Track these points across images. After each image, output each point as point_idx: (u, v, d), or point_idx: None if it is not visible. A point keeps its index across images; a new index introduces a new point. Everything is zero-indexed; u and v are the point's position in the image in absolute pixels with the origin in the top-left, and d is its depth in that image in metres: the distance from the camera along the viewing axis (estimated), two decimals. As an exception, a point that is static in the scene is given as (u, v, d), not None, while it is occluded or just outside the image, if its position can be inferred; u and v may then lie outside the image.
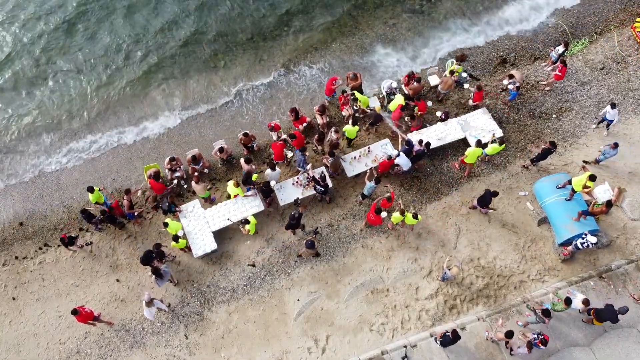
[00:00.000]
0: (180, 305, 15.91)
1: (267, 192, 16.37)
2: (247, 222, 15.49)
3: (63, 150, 19.22)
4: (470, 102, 18.07)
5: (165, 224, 15.25)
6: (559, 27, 20.46)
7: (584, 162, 17.32)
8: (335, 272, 16.23)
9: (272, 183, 16.09)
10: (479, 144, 16.09)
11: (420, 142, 16.38)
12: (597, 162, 17.13)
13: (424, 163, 17.58)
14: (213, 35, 21.24)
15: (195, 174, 16.58)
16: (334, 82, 17.98)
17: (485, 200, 15.56)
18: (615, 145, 16.05)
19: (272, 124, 17.68)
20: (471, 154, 16.23)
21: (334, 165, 16.74)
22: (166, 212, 16.66)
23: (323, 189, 16.04)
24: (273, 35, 21.16)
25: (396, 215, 15.33)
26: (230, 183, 16.14)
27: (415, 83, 17.97)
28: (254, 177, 16.19)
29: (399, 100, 17.48)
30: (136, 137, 19.37)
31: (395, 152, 16.43)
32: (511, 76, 17.91)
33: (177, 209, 16.61)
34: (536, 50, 20.11)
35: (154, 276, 14.76)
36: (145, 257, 14.86)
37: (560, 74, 17.90)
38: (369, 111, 17.84)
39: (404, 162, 16.33)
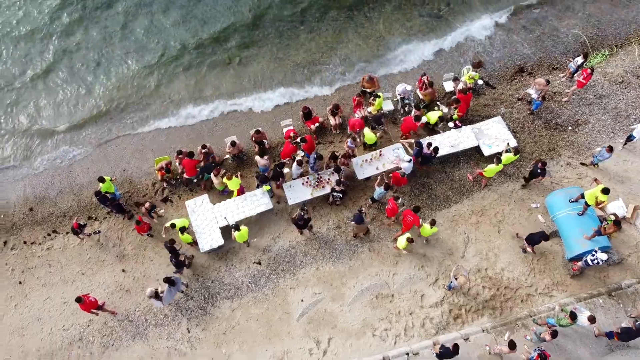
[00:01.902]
0: (184, 299, 15.92)
1: (277, 175, 16.43)
2: (237, 228, 15.31)
3: (78, 138, 19.43)
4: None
5: (173, 225, 15.30)
6: (579, 38, 20.16)
7: (583, 164, 17.28)
8: (340, 274, 16.15)
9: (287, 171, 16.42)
10: (499, 161, 15.90)
11: (429, 145, 16.33)
12: (592, 164, 16.97)
13: (432, 169, 17.44)
14: (229, 31, 21.31)
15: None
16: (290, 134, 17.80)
17: (534, 240, 15.14)
18: (610, 149, 15.82)
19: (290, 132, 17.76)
20: (491, 170, 16.06)
21: (346, 176, 16.87)
22: (206, 172, 16.89)
23: (341, 195, 16.00)
24: (288, 33, 21.13)
25: (426, 227, 15.21)
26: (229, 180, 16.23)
27: (428, 89, 17.83)
28: (266, 187, 16.32)
29: (436, 114, 17.41)
30: (149, 129, 19.52)
31: (407, 157, 16.27)
32: (548, 81, 17.56)
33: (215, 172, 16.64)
34: (554, 60, 19.84)
35: (167, 285, 14.67)
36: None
37: (584, 81, 17.65)
38: (374, 113, 17.85)
39: (407, 167, 16.26)
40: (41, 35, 21.49)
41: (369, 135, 16.78)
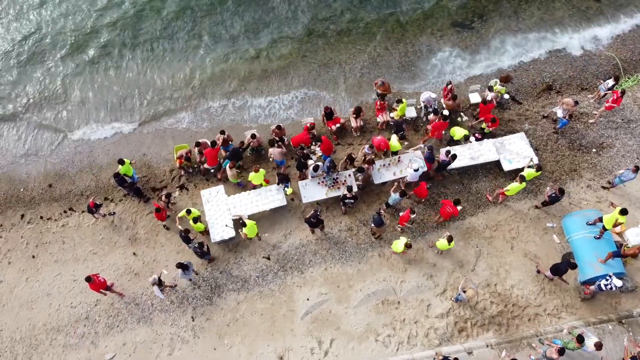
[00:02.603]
0: (190, 287, 16.03)
1: (302, 165, 16.58)
2: (244, 224, 15.31)
3: (106, 121, 19.81)
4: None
5: (189, 211, 15.42)
6: (612, 60, 19.80)
7: (604, 187, 17.05)
8: (348, 276, 16.11)
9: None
10: (523, 179, 15.66)
11: (447, 152, 16.26)
12: (610, 185, 16.66)
13: (450, 180, 17.32)
14: (258, 27, 21.47)
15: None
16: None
17: (560, 270, 14.72)
18: (637, 169, 15.45)
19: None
20: (514, 188, 15.82)
21: (365, 179, 16.80)
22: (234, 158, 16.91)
23: (352, 201, 15.99)
24: (318, 33, 21.14)
25: (442, 242, 15.15)
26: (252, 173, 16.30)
27: (450, 100, 17.69)
28: (289, 190, 16.38)
29: (462, 131, 17.30)
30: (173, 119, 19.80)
31: (415, 165, 16.13)
32: (576, 102, 17.26)
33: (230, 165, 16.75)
34: (584, 80, 19.49)
35: (180, 270, 14.78)
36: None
37: (614, 104, 17.34)
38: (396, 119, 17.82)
39: (413, 175, 16.22)
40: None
41: (394, 143, 16.72)
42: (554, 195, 15.56)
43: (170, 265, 15.87)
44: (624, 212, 14.34)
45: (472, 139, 17.75)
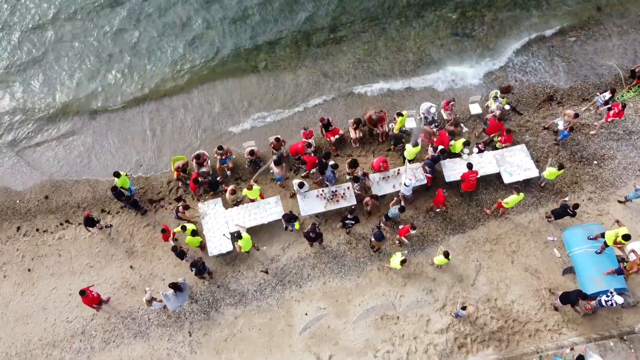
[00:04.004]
0: (188, 301, 15.86)
1: (323, 167, 16.48)
2: (239, 236, 15.16)
3: (99, 128, 19.59)
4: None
5: (184, 228, 15.23)
6: (613, 70, 19.62)
7: (620, 202, 16.79)
8: (347, 291, 15.96)
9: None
10: (518, 191, 15.56)
11: (435, 149, 16.36)
12: (626, 200, 16.46)
13: (450, 192, 17.19)
14: (255, 38, 21.34)
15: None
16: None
17: (571, 300, 14.46)
18: None
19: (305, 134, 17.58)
20: (512, 201, 15.69)
21: (362, 188, 16.71)
22: (211, 189, 16.76)
23: (353, 222, 15.84)
24: (317, 43, 20.96)
25: (439, 258, 15.03)
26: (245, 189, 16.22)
27: (452, 127, 17.36)
28: (297, 225, 15.92)
29: (461, 141, 17.07)
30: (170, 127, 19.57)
31: (408, 181, 15.99)
32: (577, 114, 17.03)
33: (224, 187, 16.73)
34: (585, 91, 19.31)
35: (172, 290, 14.62)
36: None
37: (615, 117, 17.20)
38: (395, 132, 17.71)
39: (406, 190, 16.07)
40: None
41: (410, 149, 16.56)
42: (569, 210, 15.45)
43: (167, 279, 15.75)
44: (626, 237, 14.19)
45: (475, 149, 17.57)
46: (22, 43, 21.23)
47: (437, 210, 16.85)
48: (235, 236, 15.22)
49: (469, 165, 16.12)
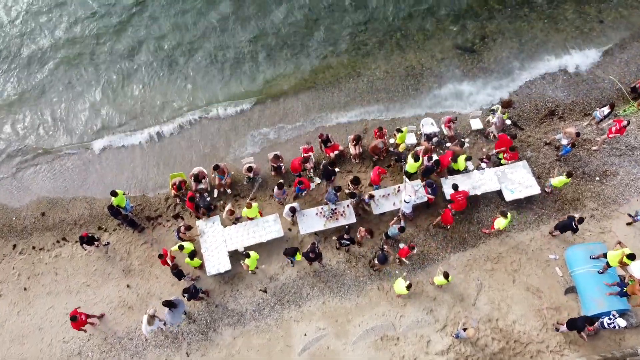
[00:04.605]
0: (186, 321, 15.69)
1: (329, 174, 16.52)
2: (247, 255, 14.97)
3: (96, 145, 19.43)
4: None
5: (181, 247, 15.03)
6: (614, 84, 19.43)
7: (629, 224, 16.56)
8: (347, 311, 15.78)
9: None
10: (505, 214, 15.25)
11: (430, 158, 16.27)
12: (632, 219, 16.32)
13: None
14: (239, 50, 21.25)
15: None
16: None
17: (577, 326, 14.15)
18: None
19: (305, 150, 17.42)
20: (499, 224, 15.49)
21: (357, 203, 16.59)
22: (206, 209, 16.49)
23: (349, 243, 15.68)
24: (316, 55, 20.79)
25: (439, 279, 14.85)
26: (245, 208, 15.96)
27: (457, 146, 17.20)
28: (297, 257, 15.42)
29: (463, 157, 16.75)
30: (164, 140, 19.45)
31: (408, 198, 15.79)
32: (579, 133, 16.90)
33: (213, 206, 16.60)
34: (587, 106, 19.10)
35: (166, 309, 14.43)
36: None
37: (616, 133, 17.02)
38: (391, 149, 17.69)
39: (406, 207, 15.87)
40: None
41: (411, 163, 16.37)
42: (574, 224, 15.25)
43: (165, 299, 15.51)
44: (631, 257, 14.00)
45: (482, 164, 17.42)
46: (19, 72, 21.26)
47: (446, 227, 16.72)
48: (244, 255, 14.98)
49: (454, 187, 15.87)
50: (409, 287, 14.52)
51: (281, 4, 21.82)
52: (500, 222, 15.45)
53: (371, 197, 16.12)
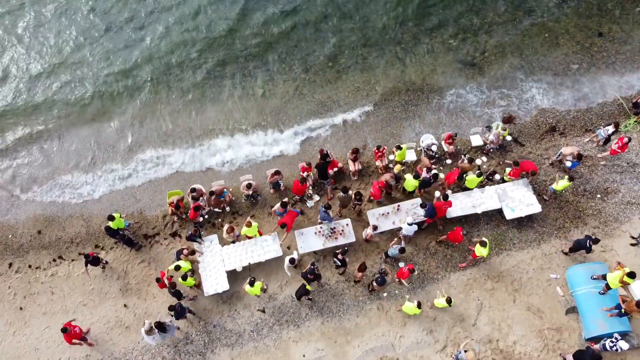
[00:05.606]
0: (183, 342, 15.55)
1: (324, 170, 16.83)
2: (252, 283, 14.59)
3: (94, 165, 19.32)
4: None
5: (178, 267, 14.86)
6: (616, 100, 19.29)
7: (633, 245, 16.38)
8: (346, 331, 15.63)
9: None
10: (484, 244, 14.97)
11: (429, 170, 16.26)
12: (636, 241, 16.15)
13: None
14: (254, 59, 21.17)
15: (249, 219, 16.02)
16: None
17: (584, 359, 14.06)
18: None
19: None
20: (479, 251, 15.19)
21: (342, 200, 16.30)
22: (191, 239, 16.19)
23: (340, 264, 15.51)
24: (316, 69, 20.65)
25: (440, 302, 14.71)
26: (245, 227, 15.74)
27: (464, 163, 16.86)
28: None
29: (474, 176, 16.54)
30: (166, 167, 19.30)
31: (409, 219, 15.63)
32: (580, 155, 16.62)
33: (201, 240, 16.24)
34: (588, 122, 18.93)
35: (156, 330, 14.23)
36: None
37: (619, 150, 16.90)
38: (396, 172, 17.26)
39: (408, 230, 15.57)
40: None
41: (410, 182, 16.21)
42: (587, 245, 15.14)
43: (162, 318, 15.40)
44: (632, 275, 13.86)
45: (497, 176, 17.51)
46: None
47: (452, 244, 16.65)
48: (249, 282, 14.74)
49: (445, 197, 15.80)
50: (419, 305, 14.35)
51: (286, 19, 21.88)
52: (480, 251, 15.14)
53: (375, 228, 15.91)
